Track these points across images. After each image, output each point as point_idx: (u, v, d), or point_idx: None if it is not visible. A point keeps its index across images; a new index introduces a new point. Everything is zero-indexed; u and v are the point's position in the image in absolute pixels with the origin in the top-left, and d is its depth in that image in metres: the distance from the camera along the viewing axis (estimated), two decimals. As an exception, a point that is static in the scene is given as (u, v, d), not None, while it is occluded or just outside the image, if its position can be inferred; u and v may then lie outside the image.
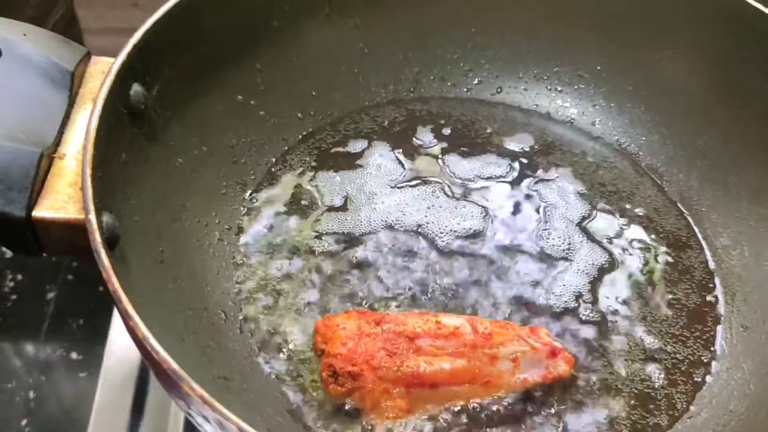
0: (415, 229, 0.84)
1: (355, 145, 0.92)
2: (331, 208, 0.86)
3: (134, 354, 0.90)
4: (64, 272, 1.05)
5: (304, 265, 0.80)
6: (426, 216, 0.85)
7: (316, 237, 0.83)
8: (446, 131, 0.95)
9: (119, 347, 0.92)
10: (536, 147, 0.94)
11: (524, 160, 0.92)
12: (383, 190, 0.87)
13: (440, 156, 0.92)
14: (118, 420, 0.85)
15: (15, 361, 0.99)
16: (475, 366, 0.70)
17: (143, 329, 0.52)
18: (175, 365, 0.50)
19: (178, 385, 0.50)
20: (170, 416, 0.85)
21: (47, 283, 1.04)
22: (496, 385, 0.70)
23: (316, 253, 0.81)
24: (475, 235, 0.84)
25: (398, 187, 0.88)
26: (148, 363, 0.55)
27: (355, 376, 0.67)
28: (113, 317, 0.95)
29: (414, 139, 0.94)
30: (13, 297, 1.03)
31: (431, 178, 0.89)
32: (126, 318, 0.53)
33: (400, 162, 0.91)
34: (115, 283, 0.54)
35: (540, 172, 0.91)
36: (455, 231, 0.84)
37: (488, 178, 0.90)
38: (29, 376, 0.96)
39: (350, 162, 0.90)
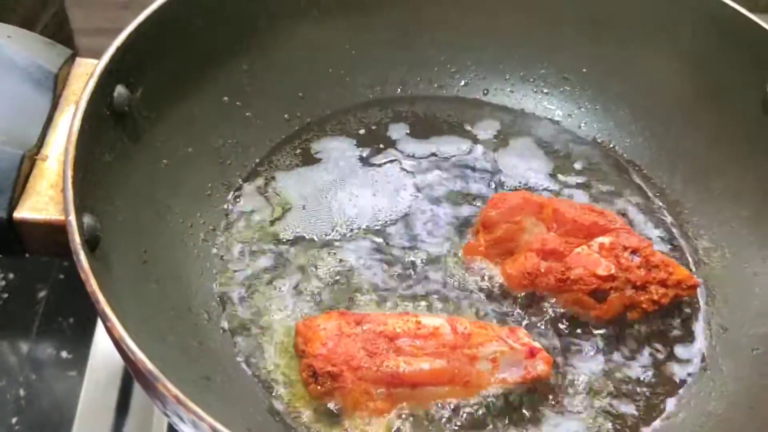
0: (395, 220, 0.85)
1: (340, 145, 0.93)
2: (313, 208, 0.86)
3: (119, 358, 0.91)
4: (56, 272, 1.05)
5: (288, 266, 0.81)
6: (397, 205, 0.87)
7: (299, 237, 0.83)
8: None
9: (105, 347, 0.92)
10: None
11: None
12: (363, 191, 0.88)
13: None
14: (102, 419, 0.86)
15: (6, 360, 0.99)
16: (454, 366, 0.70)
17: (120, 330, 0.52)
18: (150, 365, 0.51)
19: (153, 385, 0.50)
20: (154, 416, 0.86)
21: (38, 282, 1.04)
22: (475, 385, 0.71)
23: (300, 253, 0.82)
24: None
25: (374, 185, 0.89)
26: (126, 363, 0.55)
27: (335, 376, 0.67)
28: (99, 318, 0.95)
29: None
30: (4, 296, 1.03)
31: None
32: (103, 319, 0.53)
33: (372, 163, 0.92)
34: (93, 284, 0.54)
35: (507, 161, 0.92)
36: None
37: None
38: (20, 374, 0.97)
39: (331, 162, 0.91)
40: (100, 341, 0.93)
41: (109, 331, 0.53)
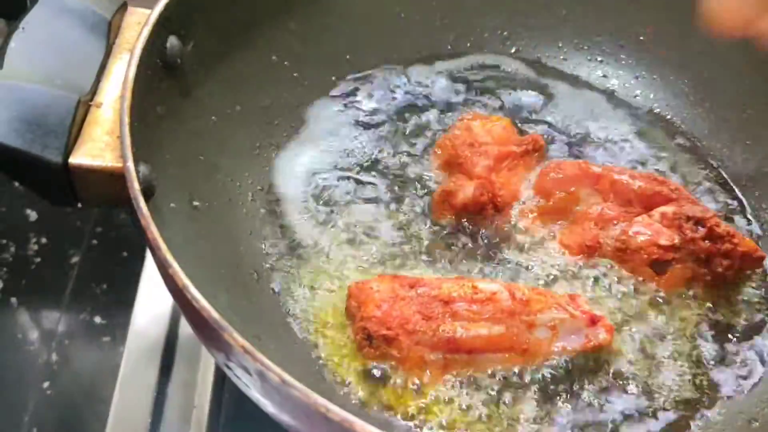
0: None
1: (387, 106, 0.91)
2: (364, 166, 0.84)
3: (161, 322, 0.90)
4: (89, 237, 1.04)
5: (338, 225, 0.79)
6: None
7: (349, 194, 0.82)
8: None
9: (146, 316, 0.91)
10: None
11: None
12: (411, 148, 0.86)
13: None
14: (143, 391, 0.84)
15: (38, 325, 0.99)
16: (512, 333, 0.68)
17: (183, 278, 0.51)
18: (216, 314, 0.49)
19: (218, 335, 0.49)
20: (199, 377, 0.84)
21: (71, 247, 1.03)
22: (533, 353, 0.68)
23: (349, 212, 0.80)
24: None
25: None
26: (186, 313, 0.53)
27: (390, 340, 0.65)
28: (140, 285, 0.93)
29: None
30: (37, 260, 1.02)
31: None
32: (165, 266, 0.51)
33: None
34: (154, 230, 0.52)
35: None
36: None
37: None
38: (52, 340, 0.96)
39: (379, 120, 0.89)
40: (140, 310, 0.91)
41: (171, 279, 0.51)
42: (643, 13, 0.93)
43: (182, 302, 0.52)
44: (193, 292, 0.50)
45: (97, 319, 0.98)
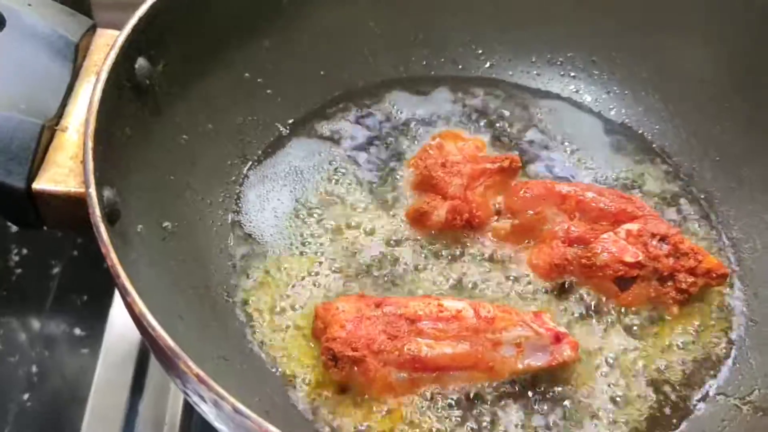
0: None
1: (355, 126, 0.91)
2: (338, 183, 0.85)
3: (135, 332, 0.90)
4: (70, 248, 1.05)
5: (307, 242, 0.79)
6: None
7: (316, 209, 0.82)
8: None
9: (120, 324, 0.91)
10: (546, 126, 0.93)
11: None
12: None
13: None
14: (117, 397, 0.85)
15: (18, 336, 0.99)
16: (477, 351, 0.69)
17: (140, 305, 0.51)
18: (171, 342, 0.50)
19: (174, 363, 0.49)
20: (170, 395, 0.85)
21: (52, 258, 1.04)
22: (499, 371, 0.69)
23: (317, 226, 0.80)
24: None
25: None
26: (146, 340, 0.54)
27: (356, 361, 0.66)
28: (115, 295, 0.94)
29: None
30: (18, 271, 1.02)
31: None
32: (124, 293, 0.52)
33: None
34: (113, 258, 0.53)
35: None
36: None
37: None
38: (32, 351, 0.96)
39: (350, 139, 0.89)
40: (116, 318, 0.92)
41: (129, 307, 0.52)
42: (616, 29, 0.93)
43: (141, 329, 0.53)
44: (150, 320, 0.51)
45: (77, 331, 0.98)
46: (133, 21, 0.69)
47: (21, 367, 0.94)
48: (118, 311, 0.92)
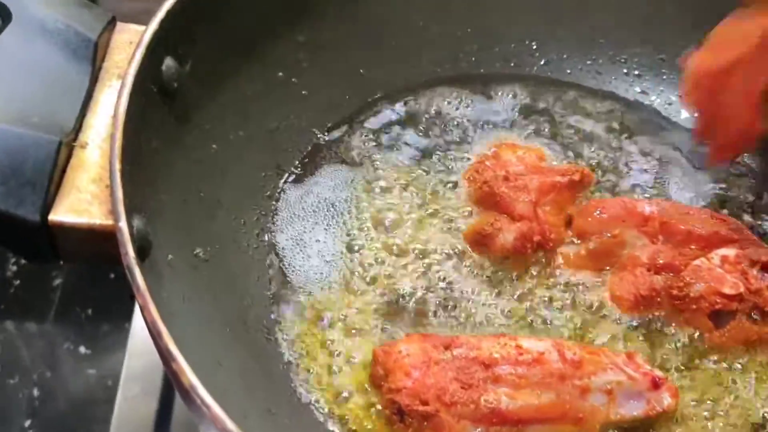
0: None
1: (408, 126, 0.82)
2: (385, 197, 0.76)
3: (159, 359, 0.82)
4: (72, 257, 0.97)
5: (358, 269, 0.70)
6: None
7: (361, 224, 0.73)
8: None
9: (141, 353, 0.83)
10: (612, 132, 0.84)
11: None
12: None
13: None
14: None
15: (18, 355, 0.93)
16: (564, 400, 0.60)
17: (190, 376, 0.41)
18: (231, 426, 0.40)
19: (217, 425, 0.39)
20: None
21: (54, 268, 0.97)
22: (589, 423, 0.60)
23: (364, 246, 0.71)
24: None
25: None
26: (192, 411, 0.44)
27: (428, 417, 0.57)
28: (134, 318, 0.86)
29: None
30: (16, 282, 0.96)
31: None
32: (168, 358, 0.42)
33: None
34: (154, 312, 0.43)
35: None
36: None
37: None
38: (34, 371, 0.91)
39: (394, 146, 0.80)
40: (137, 346, 0.83)
41: (175, 375, 0.42)
42: (687, 24, 0.84)
43: (188, 399, 0.43)
44: (202, 394, 0.41)
45: (82, 349, 0.93)
46: (160, 15, 0.60)
47: (21, 390, 0.89)
48: (138, 335, 0.84)
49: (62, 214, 0.51)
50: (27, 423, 0.86)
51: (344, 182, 0.76)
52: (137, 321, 0.86)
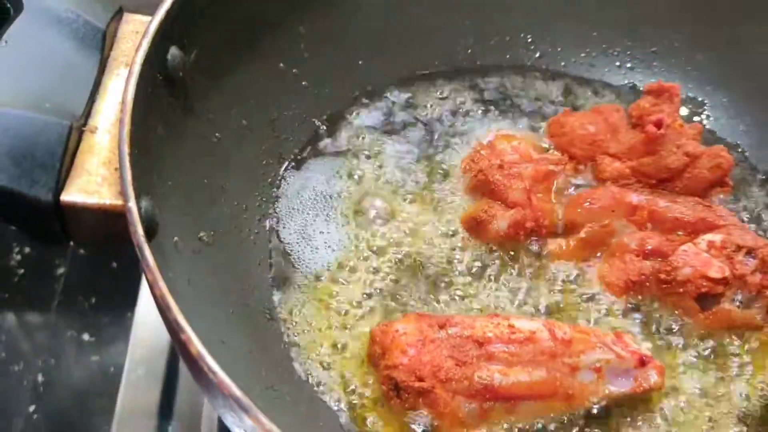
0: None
1: (405, 117, 0.84)
2: (383, 186, 0.77)
3: (163, 344, 0.83)
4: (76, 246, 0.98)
5: (354, 249, 0.72)
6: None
7: (359, 212, 0.75)
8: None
9: (146, 339, 0.84)
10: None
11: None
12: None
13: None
14: (144, 420, 0.78)
15: (22, 342, 0.94)
16: (555, 378, 0.62)
17: (198, 346, 0.43)
18: (237, 392, 0.42)
19: (241, 415, 0.42)
20: (203, 417, 0.78)
21: (57, 256, 0.98)
22: (578, 399, 0.62)
23: (363, 231, 0.73)
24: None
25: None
26: (199, 381, 0.46)
27: (423, 392, 0.59)
28: (137, 304, 0.87)
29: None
30: (20, 271, 0.97)
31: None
32: (177, 331, 0.44)
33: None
34: (162, 287, 0.45)
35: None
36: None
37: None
38: (38, 359, 0.91)
39: (391, 135, 0.82)
40: (140, 331, 0.84)
41: (183, 345, 0.44)
42: (677, 19, 0.86)
43: (194, 369, 0.45)
44: (210, 362, 0.43)
45: (86, 336, 0.93)
46: (165, 5, 0.62)
47: (26, 377, 0.90)
48: (141, 322, 0.86)
49: (74, 194, 0.53)
50: (31, 408, 0.87)
51: (343, 171, 0.78)
52: (141, 307, 0.87)
